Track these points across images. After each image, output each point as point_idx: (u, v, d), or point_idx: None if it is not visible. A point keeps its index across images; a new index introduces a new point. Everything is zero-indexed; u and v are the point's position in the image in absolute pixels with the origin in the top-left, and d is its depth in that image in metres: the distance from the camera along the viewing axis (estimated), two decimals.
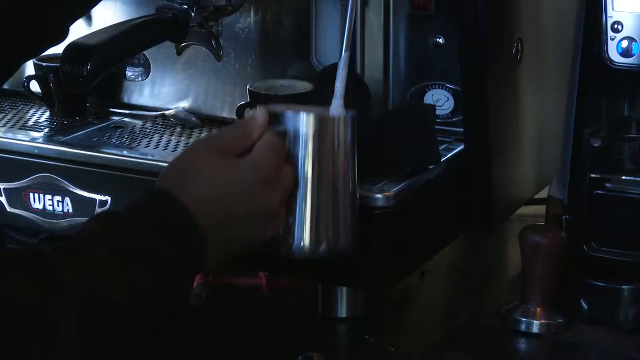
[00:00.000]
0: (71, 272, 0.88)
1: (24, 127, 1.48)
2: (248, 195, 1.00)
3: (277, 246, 1.07)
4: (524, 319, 1.26)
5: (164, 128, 1.47)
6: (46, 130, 1.47)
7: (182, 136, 1.44)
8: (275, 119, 1.06)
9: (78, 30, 1.32)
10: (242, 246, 1.02)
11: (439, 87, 1.41)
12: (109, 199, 1.38)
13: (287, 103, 1.22)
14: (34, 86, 1.55)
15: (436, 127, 1.38)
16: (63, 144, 1.41)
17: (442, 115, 1.41)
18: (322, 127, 1.08)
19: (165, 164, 1.33)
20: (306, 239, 1.07)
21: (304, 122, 1.06)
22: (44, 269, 0.88)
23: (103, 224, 0.96)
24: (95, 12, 1.58)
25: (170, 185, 0.99)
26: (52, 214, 1.42)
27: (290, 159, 1.06)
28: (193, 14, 1.36)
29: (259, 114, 1.05)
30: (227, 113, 1.45)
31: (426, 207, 1.30)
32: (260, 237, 1.03)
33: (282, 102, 1.33)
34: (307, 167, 1.06)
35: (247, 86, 1.39)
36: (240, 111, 1.40)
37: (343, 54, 1.20)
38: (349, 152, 1.09)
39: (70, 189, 1.39)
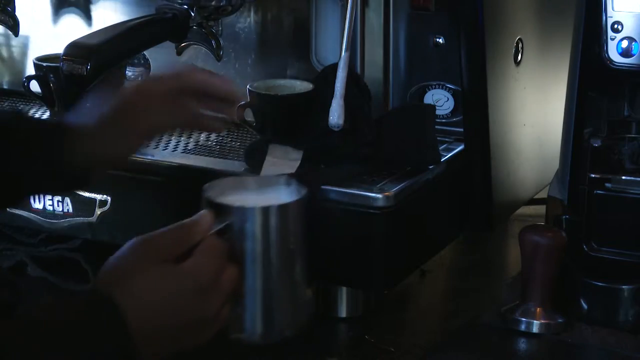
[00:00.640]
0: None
1: None
2: (183, 306, 0.97)
3: (227, 332, 1.05)
4: (524, 319, 1.26)
5: None
6: None
7: (182, 136, 1.44)
8: (219, 211, 1.03)
9: (78, 30, 1.32)
10: (175, 352, 1.00)
11: (439, 87, 1.41)
12: (109, 198, 1.38)
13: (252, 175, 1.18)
14: (34, 86, 1.55)
15: (436, 127, 1.38)
16: None
17: (442, 115, 1.42)
18: (269, 219, 1.03)
19: (166, 164, 1.35)
20: (257, 328, 1.05)
21: (250, 216, 1.03)
22: None
23: (47, 317, 0.93)
24: (95, 12, 1.58)
25: (110, 289, 0.95)
26: (52, 214, 1.42)
27: (237, 251, 1.02)
28: (193, 14, 1.36)
29: (204, 217, 1.01)
30: None
31: (426, 207, 1.30)
32: (194, 344, 1.00)
33: (281, 104, 1.33)
34: (256, 259, 1.03)
35: (247, 86, 1.39)
36: (240, 111, 1.40)
37: (343, 54, 1.20)
38: (299, 237, 1.06)
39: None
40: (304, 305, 1.08)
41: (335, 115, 1.23)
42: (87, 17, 1.59)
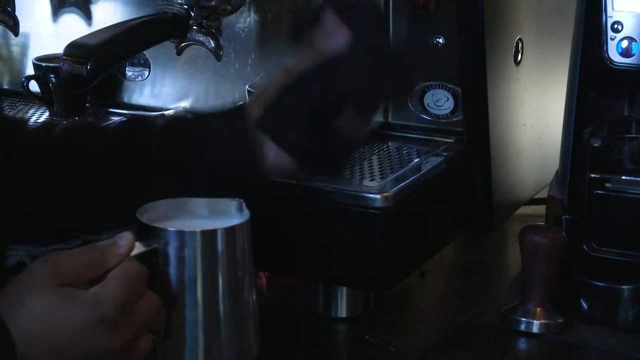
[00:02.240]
0: None
1: None
2: (83, 338, 0.88)
3: None
4: (524, 319, 1.26)
5: None
6: None
7: None
8: (151, 234, 0.94)
9: (78, 30, 1.32)
10: None
11: (439, 87, 1.41)
12: None
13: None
14: (34, 86, 1.55)
15: (436, 127, 1.39)
16: None
17: (442, 115, 1.42)
18: (211, 243, 0.95)
19: None
20: None
21: (189, 240, 0.94)
22: None
23: None
24: (95, 12, 1.58)
25: (2, 311, 0.87)
26: None
27: (168, 279, 0.94)
28: (193, 14, 1.36)
29: (122, 239, 0.92)
30: None
31: (426, 207, 1.30)
32: None
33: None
34: (195, 288, 0.95)
35: (247, 86, 1.39)
36: None
37: None
38: (244, 263, 0.98)
39: None
40: (250, 338, 1.01)
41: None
42: (87, 17, 1.59)
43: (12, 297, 0.88)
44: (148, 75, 1.55)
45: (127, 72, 1.56)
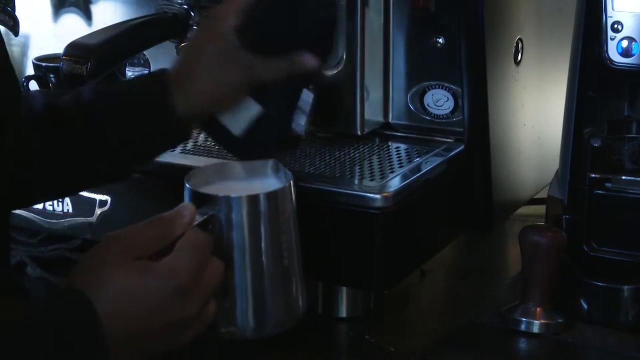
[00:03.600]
0: None
1: None
2: (162, 308, 0.91)
3: (217, 328, 1.00)
4: (524, 319, 1.26)
5: None
6: None
7: None
8: (203, 201, 0.98)
9: (78, 30, 1.32)
10: (155, 353, 0.94)
11: (439, 87, 1.41)
12: (109, 199, 1.38)
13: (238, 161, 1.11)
14: (34, 86, 1.55)
15: (436, 127, 1.39)
16: None
17: (442, 115, 1.42)
18: (257, 208, 0.99)
19: (167, 163, 1.34)
20: (249, 322, 1.01)
21: (236, 205, 0.98)
22: None
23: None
24: (95, 12, 1.58)
25: (83, 287, 0.90)
26: (52, 214, 1.42)
27: (223, 244, 0.98)
28: (193, 14, 1.36)
29: (185, 209, 0.96)
30: None
31: (426, 207, 1.30)
32: (175, 345, 0.95)
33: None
34: (245, 251, 0.99)
35: None
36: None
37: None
38: (289, 224, 1.02)
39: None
40: (297, 296, 1.04)
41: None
42: (87, 17, 1.59)
43: (91, 276, 0.91)
44: None
45: (127, 72, 1.56)
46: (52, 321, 0.87)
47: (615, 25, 1.25)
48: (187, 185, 1.01)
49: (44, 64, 1.53)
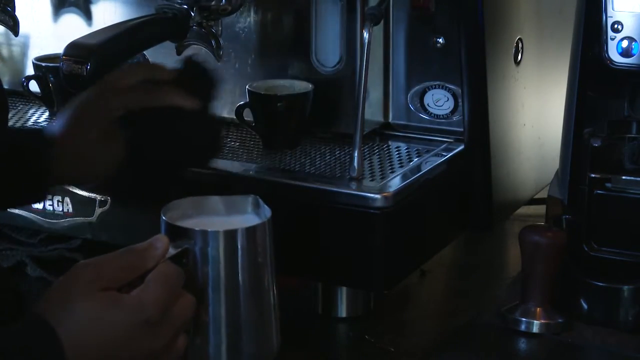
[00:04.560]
0: None
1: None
2: (128, 341, 0.90)
3: None
4: (524, 319, 1.26)
5: None
6: None
7: None
8: (179, 234, 0.98)
9: (78, 30, 1.32)
10: None
11: (439, 87, 1.41)
12: (109, 198, 1.38)
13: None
14: (34, 86, 1.55)
15: (436, 127, 1.38)
16: None
17: (442, 115, 1.42)
18: (233, 242, 0.99)
19: None
20: (222, 358, 1.00)
21: (213, 240, 0.98)
22: None
23: None
24: (95, 12, 1.58)
25: (50, 319, 0.88)
26: (52, 214, 1.42)
27: (197, 278, 0.98)
28: (193, 14, 1.36)
29: (158, 241, 0.95)
30: (227, 113, 1.45)
31: (426, 207, 1.30)
32: None
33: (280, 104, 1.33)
34: (219, 286, 0.98)
35: (247, 86, 1.39)
36: (239, 111, 1.40)
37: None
38: (265, 260, 1.02)
39: (70, 189, 1.39)
40: (271, 332, 1.04)
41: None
42: (87, 17, 1.59)
43: (58, 305, 0.90)
44: None
45: None
46: (15, 350, 0.86)
47: (615, 25, 1.25)
48: (163, 218, 1.00)
49: (44, 64, 1.52)
